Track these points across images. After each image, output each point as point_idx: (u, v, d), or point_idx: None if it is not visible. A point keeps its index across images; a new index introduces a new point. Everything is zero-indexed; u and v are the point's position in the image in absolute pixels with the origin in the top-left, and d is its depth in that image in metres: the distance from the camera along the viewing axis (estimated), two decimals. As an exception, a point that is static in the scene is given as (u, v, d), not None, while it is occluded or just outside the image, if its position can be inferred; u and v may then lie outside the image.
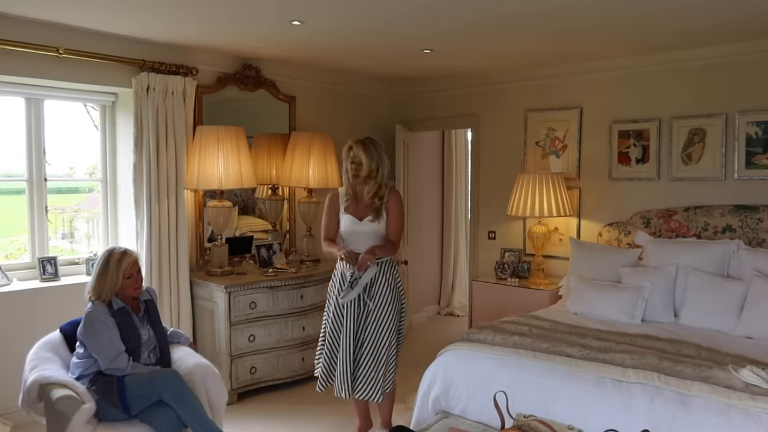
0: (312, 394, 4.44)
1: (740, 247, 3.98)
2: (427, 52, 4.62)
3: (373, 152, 3.51)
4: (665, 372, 2.83)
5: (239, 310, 4.25)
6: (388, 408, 3.66)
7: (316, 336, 4.63)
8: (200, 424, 2.91)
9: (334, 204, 3.66)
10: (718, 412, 2.54)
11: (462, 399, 3.19)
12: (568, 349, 3.19)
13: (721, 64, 4.38)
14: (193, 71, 4.45)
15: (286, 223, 5.32)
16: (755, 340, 3.50)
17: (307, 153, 4.87)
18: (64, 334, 3.29)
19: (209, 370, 3.21)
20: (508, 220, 5.44)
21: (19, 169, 4.17)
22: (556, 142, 5.20)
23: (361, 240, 3.54)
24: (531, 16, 3.60)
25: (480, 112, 5.67)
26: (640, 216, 4.66)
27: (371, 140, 3.60)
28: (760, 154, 4.22)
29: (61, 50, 3.84)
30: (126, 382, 2.93)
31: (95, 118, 4.54)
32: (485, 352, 3.26)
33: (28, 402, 2.97)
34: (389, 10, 3.51)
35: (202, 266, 4.70)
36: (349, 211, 3.58)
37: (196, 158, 4.35)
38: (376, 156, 3.52)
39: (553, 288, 4.84)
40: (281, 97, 5.18)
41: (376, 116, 6.05)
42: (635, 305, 3.94)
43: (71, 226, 4.79)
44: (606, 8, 3.45)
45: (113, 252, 3.13)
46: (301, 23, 3.78)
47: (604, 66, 4.84)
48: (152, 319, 3.23)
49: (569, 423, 2.77)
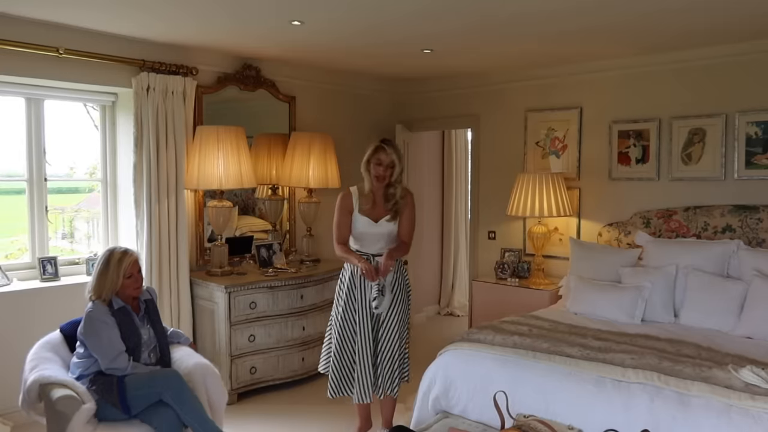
0: (312, 394, 4.44)
1: (740, 247, 3.98)
2: (427, 52, 4.62)
3: (401, 154, 3.53)
4: (665, 372, 2.83)
5: (239, 310, 4.25)
6: (390, 409, 3.67)
7: (317, 336, 4.65)
8: (200, 424, 2.91)
9: (347, 204, 3.56)
10: (717, 412, 2.54)
11: (462, 399, 3.19)
12: (568, 349, 3.19)
13: (721, 64, 4.38)
14: (193, 71, 4.46)
15: (286, 223, 5.32)
16: (755, 340, 3.50)
17: (307, 153, 4.88)
18: (65, 334, 3.29)
19: (209, 370, 3.21)
20: (508, 220, 5.45)
21: (19, 169, 4.17)
22: (556, 142, 5.20)
23: (372, 241, 3.53)
24: (531, 18, 3.60)
25: (480, 112, 5.67)
26: (640, 216, 4.67)
27: (393, 142, 3.58)
28: (760, 154, 4.22)
29: (61, 50, 3.84)
30: (126, 382, 2.93)
31: (95, 118, 4.54)
32: (485, 352, 3.26)
33: (28, 402, 2.97)
34: (389, 10, 3.51)
35: (202, 266, 4.70)
36: (364, 212, 3.52)
37: (196, 158, 4.35)
38: (402, 158, 3.55)
39: (553, 288, 4.84)
40: (281, 97, 5.18)
41: (376, 116, 6.05)
42: (635, 305, 3.94)
43: (71, 226, 4.79)
44: (606, 9, 3.44)
45: (114, 251, 3.13)
46: (301, 23, 3.78)
47: (604, 66, 4.85)
48: (152, 319, 3.23)
49: (569, 423, 2.77)
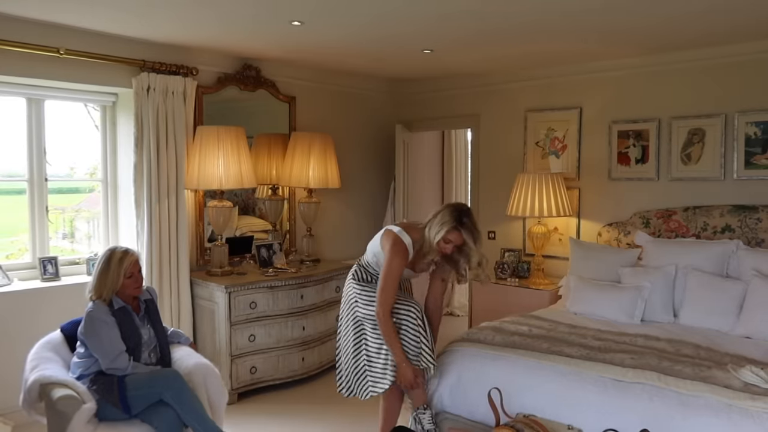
0: (312, 394, 4.45)
1: (739, 247, 3.99)
2: (427, 52, 4.62)
3: (478, 235, 3.05)
4: (665, 372, 2.84)
5: (239, 310, 4.26)
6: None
7: (317, 336, 4.66)
8: (200, 423, 2.91)
9: (407, 257, 3.10)
10: (717, 411, 2.54)
11: (462, 398, 3.19)
12: (567, 349, 3.20)
13: (720, 64, 4.38)
14: (193, 71, 4.46)
15: (286, 223, 5.32)
16: (754, 339, 3.51)
17: (307, 153, 4.88)
18: (65, 334, 3.29)
19: (209, 370, 3.21)
20: (508, 220, 5.45)
21: (19, 169, 4.17)
22: (555, 142, 5.20)
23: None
24: (531, 24, 3.62)
25: (480, 112, 5.67)
26: (640, 216, 4.67)
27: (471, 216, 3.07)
28: (759, 154, 4.22)
29: (62, 50, 3.85)
30: (126, 382, 2.93)
31: (96, 118, 4.55)
32: (485, 352, 3.27)
33: (28, 402, 2.97)
34: (389, 11, 3.51)
35: (202, 266, 4.70)
36: (408, 265, 3.18)
37: (197, 158, 4.35)
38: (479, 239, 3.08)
39: (552, 288, 4.85)
40: (281, 97, 5.18)
41: (376, 116, 6.05)
42: (635, 305, 3.95)
43: (72, 226, 4.79)
44: (610, 13, 3.46)
45: (115, 251, 3.13)
46: (301, 23, 3.79)
47: (603, 66, 4.85)
48: (152, 319, 3.24)
49: (569, 423, 2.78)
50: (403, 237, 3.09)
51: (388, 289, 3.00)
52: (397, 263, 3.03)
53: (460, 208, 3.04)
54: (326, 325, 4.75)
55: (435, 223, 3.01)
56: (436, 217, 3.03)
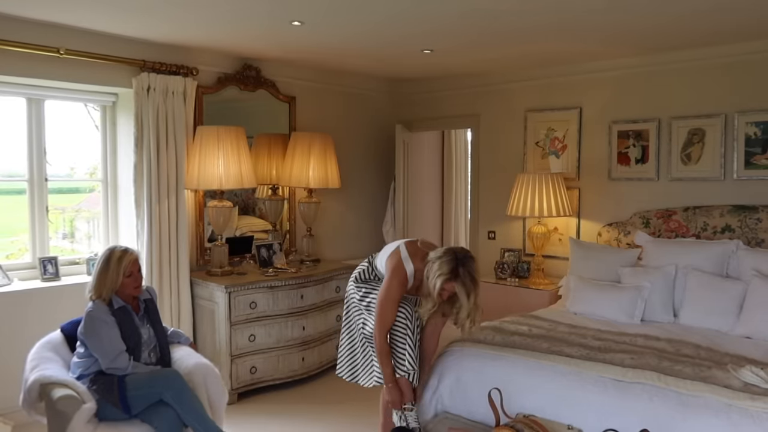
0: (312, 394, 4.45)
1: (739, 247, 3.99)
2: (427, 52, 4.63)
3: (476, 284, 2.98)
4: (665, 372, 2.84)
5: (239, 310, 4.26)
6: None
7: (317, 336, 4.66)
8: (200, 423, 2.91)
9: (405, 285, 3.08)
10: (717, 411, 2.54)
11: (461, 398, 3.19)
12: (567, 349, 3.20)
13: (720, 64, 4.38)
14: (193, 71, 4.46)
15: (286, 223, 5.32)
16: (754, 339, 3.51)
17: (307, 153, 4.88)
18: (65, 334, 3.29)
19: (209, 370, 3.21)
20: (508, 220, 5.45)
21: (19, 169, 4.17)
22: (555, 142, 5.20)
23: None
24: (532, 26, 3.62)
25: (480, 112, 5.67)
26: (640, 216, 4.67)
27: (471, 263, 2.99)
28: (759, 155, 4.22)
29: (62, 50, 3.85)
30: (126, 382, 2.93)
31: (96, 119, 4.55)
32: (485, 352, 3.27)
33: (29, 402, 2.97)
34: (389, 10, 3.51)
35: (202, 266, 4.70)
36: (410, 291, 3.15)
37: (197, 158, 4.35)
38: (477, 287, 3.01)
39: (552, 288, 4.85)
40: (281, 98, 5.18)
41: (376, 116, 6.05)
42: (635, 305, 3.95)
43: (72, 226, 4.79)
44: (611, 13, 3.46)
45: (114, 250, 3.13)
46: (301, 23, 3.79)
47: (603, 66, 4.85)
48: (152, 319, 3.24)
49: (569, 423, 2.78)
50: (406, 264, 3.05)
51: (385, 315, 3.01)
52: (395, 289, 3.02)
53: (459, 257, 2.93)
54: (326, 325, 4.75)
55: (434, 270, 2.93)
56: (435, 264, 2.93)
